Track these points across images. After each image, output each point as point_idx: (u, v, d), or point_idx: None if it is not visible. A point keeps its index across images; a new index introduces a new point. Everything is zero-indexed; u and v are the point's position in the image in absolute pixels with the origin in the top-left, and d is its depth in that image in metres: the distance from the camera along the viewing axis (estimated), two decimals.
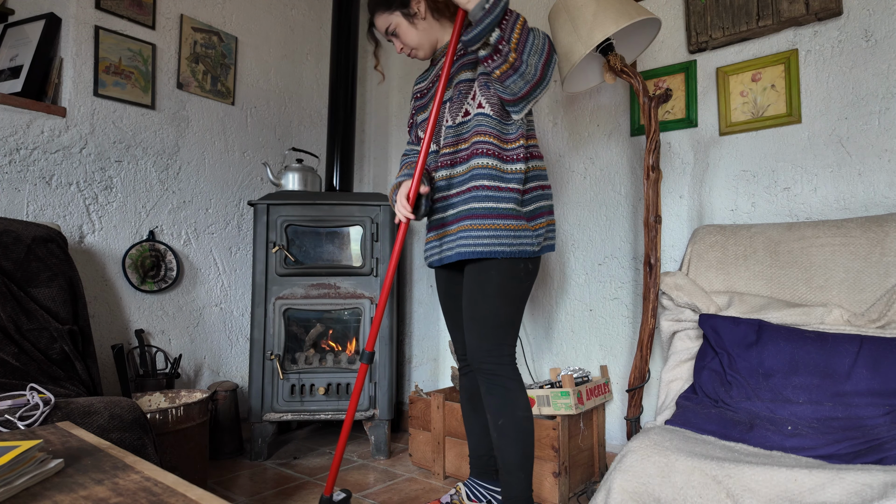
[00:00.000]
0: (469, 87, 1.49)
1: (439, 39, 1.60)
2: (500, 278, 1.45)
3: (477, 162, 1.46)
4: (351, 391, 2.25)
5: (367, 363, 1.50)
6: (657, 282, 1.72)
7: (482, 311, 1.46)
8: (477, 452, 1.68)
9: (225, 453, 2.25)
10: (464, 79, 1.50)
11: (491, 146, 1.45)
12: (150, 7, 2.27)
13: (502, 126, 1.47)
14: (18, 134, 1.91)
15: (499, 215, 1.45)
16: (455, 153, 1.51)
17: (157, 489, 0.75)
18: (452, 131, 1.53)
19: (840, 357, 1.32)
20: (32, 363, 1.50)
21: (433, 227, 1.60)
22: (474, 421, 1.68)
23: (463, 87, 1.50)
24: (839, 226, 1.53)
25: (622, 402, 2.04)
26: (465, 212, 1.48)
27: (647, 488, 1.16)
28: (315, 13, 3.00)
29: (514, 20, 1.31)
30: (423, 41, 1.56)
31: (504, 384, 1.46)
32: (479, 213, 1.46)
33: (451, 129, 1.53)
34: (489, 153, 1.45)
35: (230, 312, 2.53)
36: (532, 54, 1.34)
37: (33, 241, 1.64)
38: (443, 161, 1.54)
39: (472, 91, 1.48)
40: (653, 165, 1.69)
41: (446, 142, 1.54)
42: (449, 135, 1.53)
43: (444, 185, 1.53)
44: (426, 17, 1.53)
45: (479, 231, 1.45)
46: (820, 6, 1.66)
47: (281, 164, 2.77)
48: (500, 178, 1.46)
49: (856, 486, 0.97)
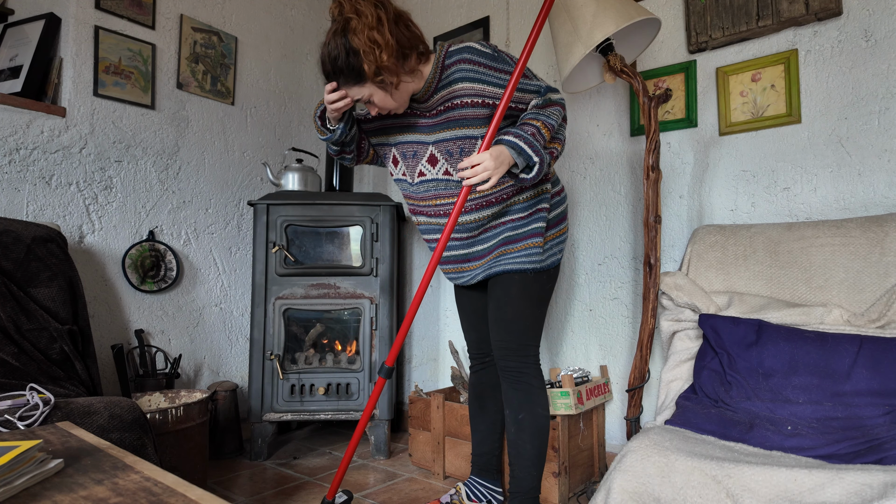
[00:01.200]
0: (472, 144, 1.42)
1: (416, 88, 1.42)
2: (526, 283, 1.50)
3: (504, 204, 1.49)
4: (350, 391, 2.25)
5: (385, 378, 1.45)
6: (657, 282, 1.72)
7: (508, 315, 1.50)
8: (480, 450, 1.69)
9: (225, 453, 2.25)
10: (465, 136, 1.42)
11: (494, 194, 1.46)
12: (149, 7, 2.27)
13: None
14: (18, 134, 1.91)
15: (530, 235, 1.51)
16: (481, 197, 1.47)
17: (157, 489, 0.75)
18: (456, 185, 1.47)
19: (840, 357, 1.32)
20: (32, 363, 1.50)
21: (458, 261, 1.58)
22: (480, 419, 1.70)
23: (464, 145, 1.42)
24: (839, 226, 1.53)
25: (622, 402, 2.04)
26: (498, 242, 1.52)
27: (647, 488, 1.16)
28: (315, 13, 3.00)
29: (556, 153, 1.44)
30: (402, 100, 1.40)
31: (529, 381, 1.50)
32: (511, 240, 1.51)
33: (456, 182, 1.46)
34: (517, 191, 1.49)
35: (230, 312, 2.53)
36: (560, 152, 1.46)
37: (33, 241, 1.64)
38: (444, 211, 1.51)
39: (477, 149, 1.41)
40: (652, 165, 1.69)
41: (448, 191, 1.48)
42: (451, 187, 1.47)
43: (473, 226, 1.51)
44: (400, 80, 1.35)
45: (513, 254, 1.51)
46: (820, 6, 1.66)
47: (281, 164, 2.77)
48: (531, 206, 1.51)
49: (855, 486, 0.97)
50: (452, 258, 1.59)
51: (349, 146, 1.53)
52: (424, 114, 1.46)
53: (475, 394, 1.72)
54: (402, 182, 1.57)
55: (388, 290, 2.30)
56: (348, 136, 1.48)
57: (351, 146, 1.53)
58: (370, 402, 1.44)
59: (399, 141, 1.53)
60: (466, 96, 1.38)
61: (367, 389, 2.25)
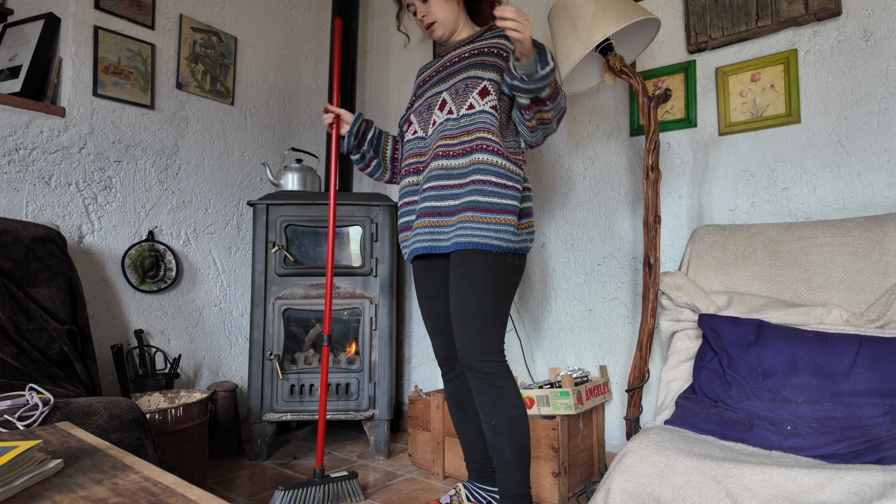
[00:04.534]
0: (476, 83, 1.51)
1: (458, 30, 1.66)
2: (489, 272, 1.45)
3: (482, 157, 1.47)
4: (350, 391, 2.25)
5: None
6: (656, 282, 1.72)
7: (471, 306, 1.45)
8: (472, 457, 1.68)
9: (224, 453, 2.25)
10: (473, 76, 1.52)
11: (497, 145, 1.48)
12: (149, 7, 2.27)
13: (506, 131, 1.53)
14: (17, 134, 1.91)
15: (502, 210, 1.46)
16: (455, 145, 1.51)
17: (157, 489, 0.75)
18: (453, 123, 1.53)
19: (839, 357, 1.33)
20: (31, 363, 1.49)
21: (422, 214, 1.56)
22: (465, 426, 1.67)
23: (470, 83, 1.52)
24: (838, 226, 1.53)
25: (622, 402, 2.04)
26: (468, 203, 1.47)
27: (647, 488, 1.16)
28: (314, 13, 3.00)
29: (558, 83, 1.44)
30: (448, 19, 1.62)
31: (495, 382, 1.45)
32: (482, 207, 1.46)
33: (453, 120, 1.53)
34: (495, 151, 1.47)
35: (229, 312, 2.53)
36: (558, 113, 1.48)
37: (32, 241, 1.64)
38: (440, 151, 1.53)
39: (480, 88, 1.50)
40: (652, 165, 1.69)
41: (445, 132, 1.54)
42: (449, 126, 1.53)
43: (440, 174, 1.52)
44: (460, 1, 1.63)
45: (479, 224, 1.45)
46: (819, 6, 1.66)
47: (280, 164, 2.77)
48: (506, 177, 1.48)
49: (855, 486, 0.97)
50: (427, 210, 1.54)
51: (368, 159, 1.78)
52: (449, 62, 1.61)
53: (454, 403, 1.69)
54: (413, 141, 1.64)
55: (388, 291, 2.30)
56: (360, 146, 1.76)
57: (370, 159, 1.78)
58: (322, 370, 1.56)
59: (419, 104, 1.65)
60: (496, 48, 1.54)
61: (366, 389, 2.25)
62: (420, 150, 1.61)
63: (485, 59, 1.53)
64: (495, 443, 1.46)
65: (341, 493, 1.75)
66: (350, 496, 1.76)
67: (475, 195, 1.46)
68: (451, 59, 1.63)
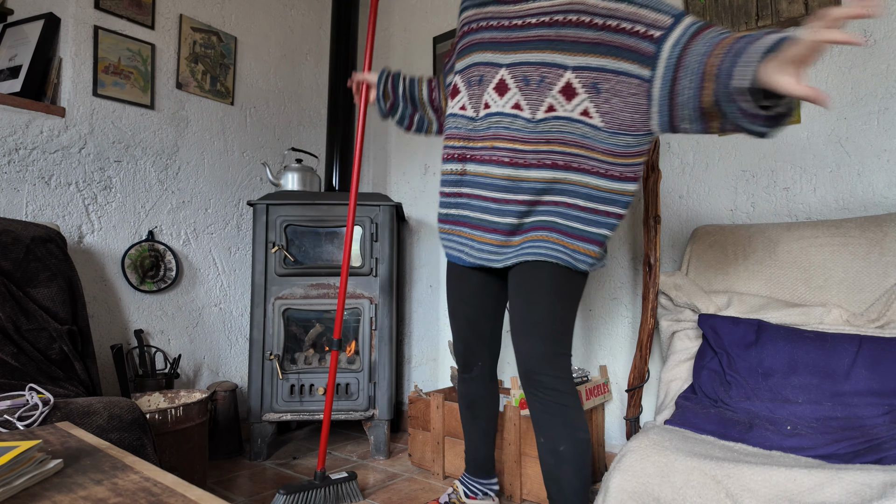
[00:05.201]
0: (556, 77, 1.15)
1: None
2: (558, 276, 1.24)
3: (569, 177, 1.18)
4: (350, 391, 2.25)
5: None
6: (656, 282, 1.72)
7: (539, 312, 1.25)
8: (473, 455, 1.67)
9: (224, 453, 2.25)
10: (549, 62, 1.14)
11: (595, 162, 1.17)
12: (149, 7, 2.27)
13: (616, 139, 1.16)
14: (17, 134, 1.91)
15: (587, 239, 1.21)
16: (528, 152, 1.20)
17: (157, 489, 0.75)
18: (525, 124, 1.19)
19: (839, 357, 1.33)
20: (31, 363, 1.49)
21: (474, 226, 1.31)
22: (473, 427, 1.63)
23: (546, 74, 1.16)
24: (838, 226, 1.53)
25: (621, 401, 2.04)
26: (542, 223, 1.22)
27: (647, 488, 1.16)
28: (314, 13, 2.99)
29: None
30: None
31: (563, 401, 1.26)
32: (561, 230, 1.21)
33: (526, 120, 1.19)
34: (591, 170, 1.18)
35: (229, 312, 2.53)
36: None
37: (32, 241, 1.64)
38: (504, 156, 1.21)
39: (563, 85, 1.15)
40: (652, 165, 1.69)
41: (512, 131, 1.21)
42: (518, 126, 1.20)
43: (503, 185, 1.22)
44: None
45: (553, 244, 1.22)
46: (819, 6, 1.66)
47: (280, 164, 2.77)
48: (603, 200, 1.19)
49: (855, 486, 0.97)
50: (481, 224, 1.28)
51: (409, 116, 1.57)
52: (511, 21, 1.21)
53: (466, 403, 1.60)
54: (459, 118, 1.30)
55: (388, 291, 2.30)
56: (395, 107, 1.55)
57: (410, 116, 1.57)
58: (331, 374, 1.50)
59: (467, 64, 1.28)
60: (576, 12, 1.12)
61: (366, 389, 2.25)
62: (467, 135, 1.29)
63: (563, 33, 1.13)
64: (558, 471, 1.27)
65: (341, 495, 1.75)
66: (349, 497, 1.76)
67: (554, 216, 1.21)
68: (516, 15, 1.22)
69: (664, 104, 1.12)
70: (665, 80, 1.10)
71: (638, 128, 1.16)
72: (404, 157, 2.89)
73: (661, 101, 1.12)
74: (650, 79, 1.12)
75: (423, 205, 2.78)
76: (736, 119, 1.00)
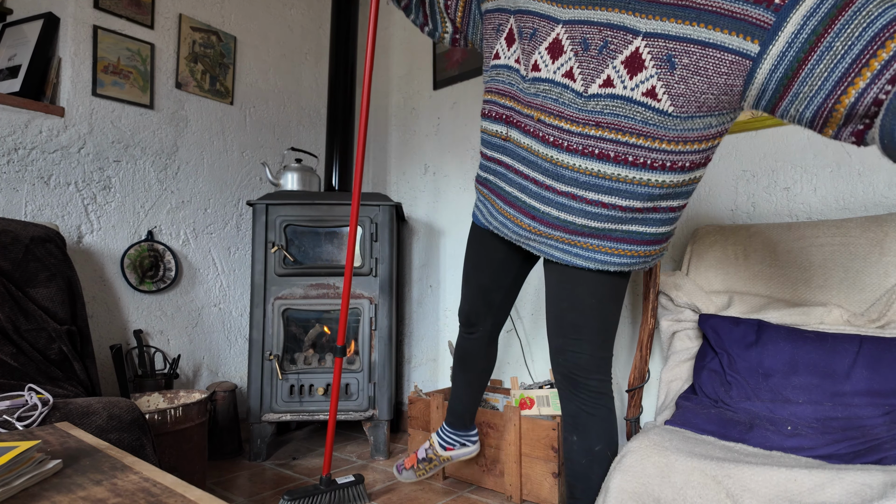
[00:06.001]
0: (623, 43, 0.92)
1: None
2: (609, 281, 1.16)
3: (620, 173, 0.99)
4: (350, 391, 2.25)
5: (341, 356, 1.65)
6: (657, 282, 1.72)
7: (590, 316, 1.17)
8: (454, 406, 1.63)
9: (224, 454, 2.24)
10: (618, 24, 0.92)
11: (657, 154, 0.97)
12: (148, 6, 2.26)
13: (693, 122, 0.95)
14: (17, 134, 1.91)
15: (641, 241, 1.07)
16: (574, 134, 1.00)
17: (156, 490, 0.75)
18: (574, 98, 0.99)
19: (840, 357, 1.32)
20: (31, 363, 1.49)
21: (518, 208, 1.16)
22: (460, 379, 1.59)
23: (611, 37, 0.94)
24: (839, 226, 1.53)
25: (622, 402, 2.04)
26: (591, 230, 1.07)
27: (647, 488, 1.16)
28: (314, 13, 2.99)
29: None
30: None
31: (608, 404, 1.26)
32: (614, 237, 1.07)
33: (575, 94, 0.99)
34: (652, 166, 0.98)
35: (229, 313, 2.53)
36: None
37: (31, 241, 1.64)
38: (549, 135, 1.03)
39: (629, 54, 0.93)
40: None
41: (560, 104, 1.01)
42: (566, 100, 1.00)
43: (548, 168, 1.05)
44: None
45: (606, 254, 1.09)
46: None
47: (280, 164, 2.77)
48: (665, 197, 1.02)
49: (855, 486, 0.97)
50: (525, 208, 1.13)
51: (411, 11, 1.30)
52: None
53: (459, 356, 1.56)
54: (511, 72, 1.09)
55: (388, 291, 2.30)
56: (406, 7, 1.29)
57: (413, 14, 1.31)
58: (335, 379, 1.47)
59: (521, 7, 1.06)
60: None
61: (366, 390, 2.25)
62: (515, 94, 1.10)
63: None
64: (590, 470, 1.24)
65: (349, 499, 1.73)
66: (357, 501, 1.74)
67: (606, 222, 1.05)
68: None
69: (775, 90, 0.86)
70: (788, 61, 0.83)
71: (723, 108, 0.94)
72: (404, 156, 2.89)
73: (771, 87, 0.86)
74: (757, 56, 0.85)
75: (423, 205, 2.78)
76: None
